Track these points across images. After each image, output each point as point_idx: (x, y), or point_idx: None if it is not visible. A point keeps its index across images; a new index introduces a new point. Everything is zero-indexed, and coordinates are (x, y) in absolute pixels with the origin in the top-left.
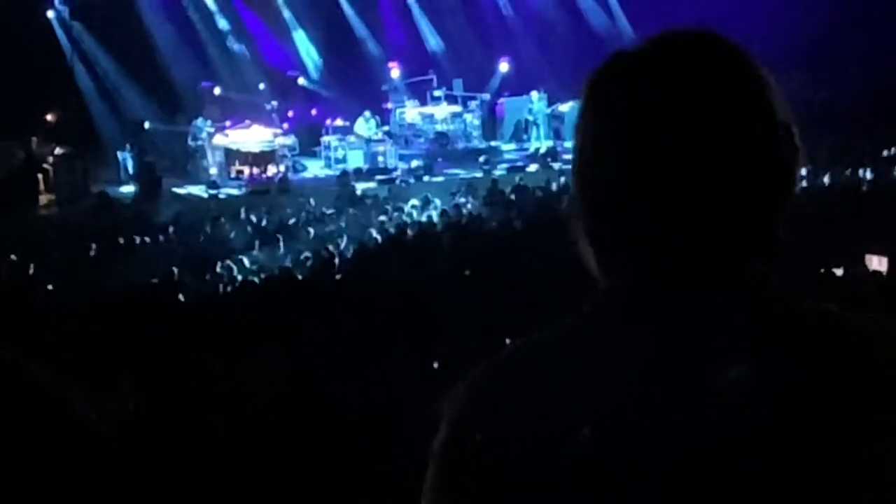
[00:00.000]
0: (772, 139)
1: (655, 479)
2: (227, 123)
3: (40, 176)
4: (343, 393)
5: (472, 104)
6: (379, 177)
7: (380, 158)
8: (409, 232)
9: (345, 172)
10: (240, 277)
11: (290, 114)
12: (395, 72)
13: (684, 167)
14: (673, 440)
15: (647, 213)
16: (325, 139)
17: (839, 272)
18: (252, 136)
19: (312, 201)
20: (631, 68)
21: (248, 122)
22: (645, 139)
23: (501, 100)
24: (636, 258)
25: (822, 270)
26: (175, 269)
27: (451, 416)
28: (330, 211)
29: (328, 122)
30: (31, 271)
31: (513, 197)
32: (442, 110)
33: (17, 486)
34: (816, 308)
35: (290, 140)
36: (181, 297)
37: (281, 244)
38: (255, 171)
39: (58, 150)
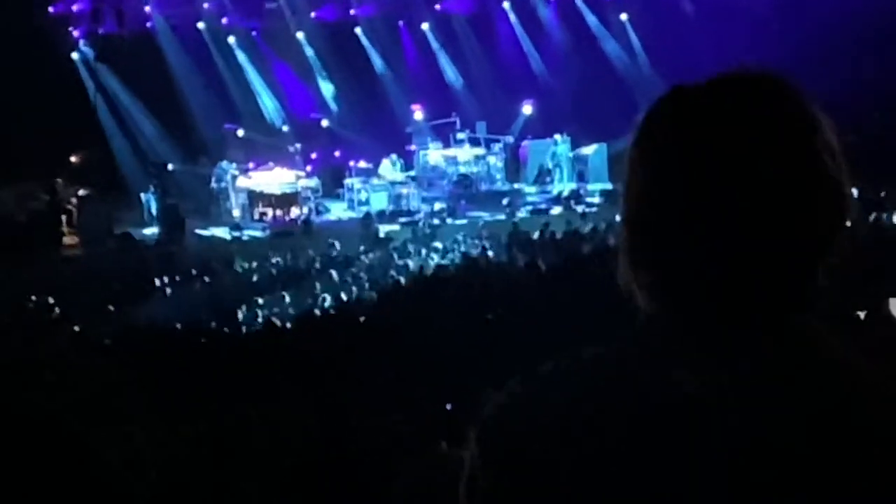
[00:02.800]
0: (826, 186)
1: None
2: (251, 165)
3: (64, 217)
4: (366, 436)
5: (496, 147)
6: (402, 219)
7: (403, 201)
8: (432, 274)
9: (368, 214)
10: (262, 319)
11: (314, 156)
12: (418, 114)
13: (733, 208)
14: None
15: (693, 250)
16: (348, 181)
17: (861, 315)
18: (275, 179)
19: (336, 243)
20: (687, 106)
21: (271, 164)
22: (697, 178)
23: (525, 142)
24: (677, 292)
25: (845, 314)
26: (199, 311)
27: (480, 428)
28: (353, 253)
29: (351, 164)
30: (56, 312)
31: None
32: (465, 153)
33: None
34: (845, 362)
35: (314, 182)
36: (204, 339)
37: (304, 286)
38: (279, 213)
39: (81, 192)
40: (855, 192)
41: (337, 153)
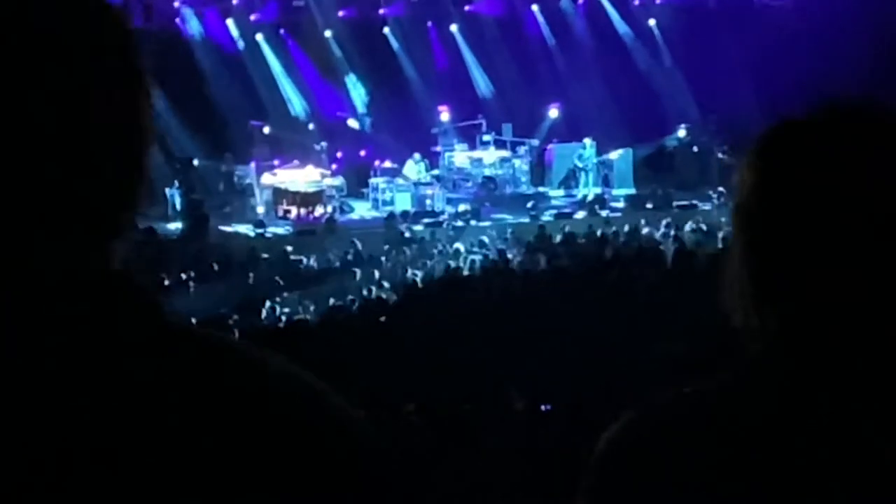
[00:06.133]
0: None
1: None
2: (276, 163)
3: None
4: (385, 435)
5: (521, 149)
6: (426, 220)
7: (427, 202)
8: (454, 276)
9: (392, 215)
10: (284, 317)
11: (339, 155)
12: (444, 115)
13: (849, 238)
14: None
15: (809, 281)
16: (373, 181)
17: None
18: (300, 176)
19: (359, 243)
20: (803, 138)
21: (296, 161)
22: (814, 209)
23: (550, 146)
24: (800, 325)
25: None
26: (221, 307)
27: (599, 456)
28: (376, 253)
29: (377, 163)
30: None
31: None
32: (491, 155)
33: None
34: None
35: (339, 181)
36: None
37: (326, 285)
38: (303, 211)
39: None
40: None
41: (362, 152)
